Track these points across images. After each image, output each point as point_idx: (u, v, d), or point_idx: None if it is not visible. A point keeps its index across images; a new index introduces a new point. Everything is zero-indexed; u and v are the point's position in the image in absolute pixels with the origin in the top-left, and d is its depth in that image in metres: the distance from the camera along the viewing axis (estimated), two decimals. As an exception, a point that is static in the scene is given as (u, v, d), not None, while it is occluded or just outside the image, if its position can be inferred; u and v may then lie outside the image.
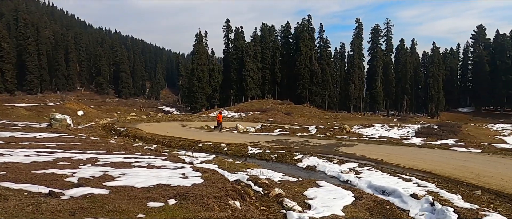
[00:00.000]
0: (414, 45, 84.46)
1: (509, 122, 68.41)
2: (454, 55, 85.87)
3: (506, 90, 72.09)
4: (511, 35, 74.99)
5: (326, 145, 15.62)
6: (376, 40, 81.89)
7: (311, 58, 78.86)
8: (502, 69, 72.09)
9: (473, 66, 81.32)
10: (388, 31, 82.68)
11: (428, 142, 19.50)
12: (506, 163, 11.25)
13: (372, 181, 9.24)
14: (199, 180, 6.48)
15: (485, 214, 6.26)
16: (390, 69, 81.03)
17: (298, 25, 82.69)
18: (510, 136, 52.78)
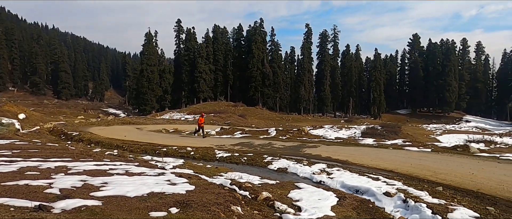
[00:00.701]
0: (358, 50, 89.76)
1: (440, 122, 75.59)
2: (393, 61, 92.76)
3: (437, 93, 79.47)
4: (441, 44, 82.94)
5: (291, 147, 16.04)
6: (324, 45, 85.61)
7: (263, 61, 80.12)
8: (434, 75, 79.37)
9: (410, 71, 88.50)
10: (335, 37, 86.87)
11: (381, 142, 20.91)
12: (455, 161, 12.49)
13: (345, 181, 9.73)
14: (189, 186, 6.33)
15: (454, 208, 6.93)
16: (337, 73, 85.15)
17: (250, 28, 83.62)
18: (442, 135, 58.34)
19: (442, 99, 78.78)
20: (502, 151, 22.92)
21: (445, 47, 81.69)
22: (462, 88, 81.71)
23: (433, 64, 79.53)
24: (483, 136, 40.54)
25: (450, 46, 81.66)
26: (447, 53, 79.54)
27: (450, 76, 77.74)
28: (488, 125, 70.68)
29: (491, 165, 11.57)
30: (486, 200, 7.72)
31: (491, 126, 70.33)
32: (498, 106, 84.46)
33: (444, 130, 63.22)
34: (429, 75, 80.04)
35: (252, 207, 6.41)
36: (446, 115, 79.66)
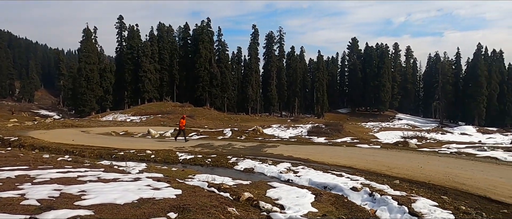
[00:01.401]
0: (303, 52, 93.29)
1: (376, 120, 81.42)
2: (334, 62, 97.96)
3: (373, 93, 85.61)
4: (376, 48, 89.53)
5: (252, 147, 16.32)
6: (270, 46, 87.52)
7: (210, 61, 79.50)
8: (370, 76, 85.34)
9: (349, 73, 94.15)
10: (281, 38, 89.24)
11: (332, 141, 22.14)
12: (403, 156, 13.77)
13: (312, 179, 10.23)
14: (175, 190, 6.26)
15: (415, 198, 7.73)
16: (283, 74, 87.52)
17: (197, 27, 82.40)
18: (379, 132, 62.87)
19: (378, 99, 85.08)
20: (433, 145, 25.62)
21: (380, 50, 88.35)
22: (395, 89, 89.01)
23: (370, 66, 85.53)
24: (416, 132, 44.72)
25: (384, 50, 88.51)
26: (381, 56, 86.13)
27: (384, 78, 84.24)
28: (417, 122, 77.93)
29: (434, 159, 12.97)
30: (438, 190, 8.70)
31: (420, 123, 77.68)
32: (425, 105, 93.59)
33: (380, 127, 68.17)
34: (367, 77, 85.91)
35: (240, 207, 6.53)
36: (381, 114, 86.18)
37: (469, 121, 72.90)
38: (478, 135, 53.56)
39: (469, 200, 7.73)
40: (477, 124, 70.01)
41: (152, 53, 76.49)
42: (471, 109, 72.42)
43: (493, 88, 72.67)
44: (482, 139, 43.83)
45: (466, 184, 9.02)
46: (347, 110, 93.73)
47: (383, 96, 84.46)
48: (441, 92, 77.85)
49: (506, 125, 70.28)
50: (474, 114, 72.41)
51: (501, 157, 13.11)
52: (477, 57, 74.58)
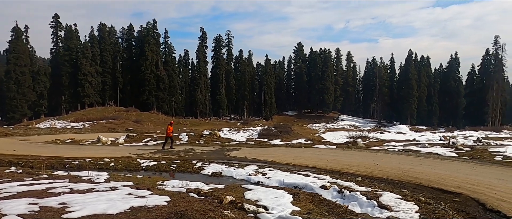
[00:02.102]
0: (251, 56, 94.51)
1: (321, 122, 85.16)
2: (281, 66, 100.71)
3: (318, 96, 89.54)
4: (320, 52, 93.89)
5: (214, 151, 16.32)
6: (219, 49, 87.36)
7: (157, 64, 77.07)
8: (315, 79, 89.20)
9: (295, 76, 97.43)
10: (229, 42, 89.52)
11: (288, 142, 22.91)
12: (359, 155, 14.79)
13: (282, 180, 10.61)
14: (161, 197, 6.20)
15: (380, 193, 8.46)
16: (231, 77, 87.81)
17: (142, 28, 79.42)
18: (325, 133, 65.80)
19: (322, 101, 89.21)
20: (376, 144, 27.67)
21: (323, 55, 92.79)
22: (337, 91, 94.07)
23: (315, 70, 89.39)
24: (360, 132, 47.68)
25: (327, 55, 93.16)
26: (325, 61, 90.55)
27: (328, 81, 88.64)
28: (358, 123, 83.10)
29: (386, 157, 14.16)
30: (397, 184, 9.59)
31: (360, 123, 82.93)
32: (364, 106, 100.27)
33: (326, 128, 71.53)
34: (312, 80, 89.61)
35: (230, 210, 6.64)
36: (326, 115, 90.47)
37: (402, 121, 79.64)
38: (411, 133, 58.60)
39: (425, 192, 8.65)
40: (409, 123, 76.70)
41: (93, 55, 72.02)
42: (404, 109, 79.25)
43: (422, 90, 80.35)
44: (415, 137, 48.09)
45: (419, 178, 10.05)
46: (294, 112, 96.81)
47: (327, 98, 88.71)
48: (378, 94, 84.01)
49: (433, 124, 77.98)
50: (407, 114, 79.35)
51: (441, 152, 14.74)
52: (408, 62, 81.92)
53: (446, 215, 6.28)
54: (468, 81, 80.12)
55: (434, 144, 20.61)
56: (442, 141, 35.28)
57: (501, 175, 9.94)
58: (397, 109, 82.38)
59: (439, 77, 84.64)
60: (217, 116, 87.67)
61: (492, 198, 7.40)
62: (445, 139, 40.51)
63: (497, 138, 44.23)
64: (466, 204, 7.25)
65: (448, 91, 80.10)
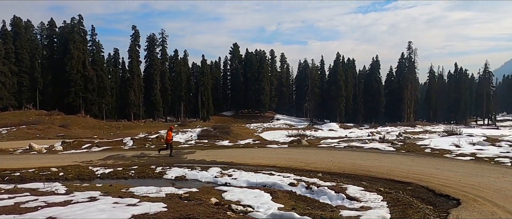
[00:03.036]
0: (186, 56, 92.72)
1: (258, 121, 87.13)
2: (217, 67, 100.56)
3: (255, 96, 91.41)
4: (256, 53, 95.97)
5: (169, 155, 16.00)
6: (153, 49, 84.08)
7: (84, 63, 71.42)
8: (251, 80, 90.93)
9: (231, 77, 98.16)
10: (163, 41, 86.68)
11: (237, 143, 23.30)
12: (312, 152, 15.81)
13: (249, 180, 10.99)
14: (154, 204, 6.16)
15: (344, 186, 9.33)
16: (166, 77, 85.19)
17: (65, 24, 72.90)
18: (263, 132, 67.58)
19: (259, 101, 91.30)
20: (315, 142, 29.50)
21: (259, 56, 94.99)
22: (273, 92, 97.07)
23: (251, 71, 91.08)
24: (298, 131, 49.97)
25: (262, 56, 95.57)
26: (261, 62, 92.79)
27: (264, 82, 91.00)
28: (292, 122, 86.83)
29: (336, 153, 15.38)
30: (354, 178, 10.60)
31: (295, 122, 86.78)
32: (297, 106, 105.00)
33: (263, 128, 73.44)
34: (248, 80, 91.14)
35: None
36: (262, 115, 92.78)
37: (332, 119, 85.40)
38: (342, 130, 63.23)
39: (380, 183, 9.76)
40: (338, 121, 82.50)
41: (6, 53, 64.05)
42: (334, 108, 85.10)
43: (349, 90, 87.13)
44: (346, 133, 52.11)
45: (371, 171, 11.24)
46: (231, 112, 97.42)
47: (263, 98, 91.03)
48: (310, 94, 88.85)
49: (358, 121, 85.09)
50: (336, 112, 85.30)
51: (381, 147, 16.49)
52: (336, 64, 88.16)
53: (409, 202, 7.28)
54: (387, 82, 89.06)
55: (371, 140, 22.81)
56: (370, 136, 38.87)
57: (436, 165, 11.61)
58: (327, 108, 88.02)
59: (363, 78, 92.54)
60: (152, 118, 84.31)
61: (438, 185, 8.70)
62: (372, 134, 44.72)
63: (413, 132, 50.16)
64: (419, 191, 8.42)
65: (371, 91, 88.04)
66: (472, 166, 11.35)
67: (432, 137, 27.78)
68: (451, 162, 12.35)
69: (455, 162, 12.34)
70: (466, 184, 8.58)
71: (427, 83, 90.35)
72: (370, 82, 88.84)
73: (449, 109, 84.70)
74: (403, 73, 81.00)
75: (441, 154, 14.24)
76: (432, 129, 55.33)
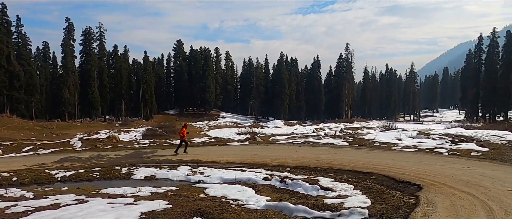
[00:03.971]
0: (127, 52, 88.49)
1: (204, 120, 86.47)
2: (161, 63, 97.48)
3: (200, 94, 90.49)
4: (200, 51, 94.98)
5: (130, 155, 15.52)
6: (89, 44, 78.75)
7: (9, 57, 64.32)
8: (196, 78, 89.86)
9: (175, 74, 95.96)
10: (101, 36, 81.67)
11: (193, 142, 23.18)
12: (274, 149, 16.49)
13: (223, 176, 11.26)
14: (153, 202, 6.22)
15: (316, 178, 10.10)
16: (105, 74, 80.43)
17: (-16, 13, 64.90)
18: (210, 130, 67.26)
19: (204, 99, 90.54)
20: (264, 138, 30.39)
21: (204, 53, 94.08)
22: (218, 90, 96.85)
23: (196, 69, 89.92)
24: (247, 128, 50.71)
25: (207, 53, 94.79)
26: (206, 59, 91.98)
27: (209, 79, 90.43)
28: (238, 119, 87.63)
29: (297, 149, 16.24)
30: (321, 170, 11.44)
31: (240, 120, 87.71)
32: (242, 104, 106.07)
33: (210, 126, 73.15)
34: (193, 78, 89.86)
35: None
36: (208, 113, 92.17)
37: (276, 116, 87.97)
38: (287, 128, 65.48)
39: (346, 174, 10.70)
40: (283, 118, 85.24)
41: None
42: (278, 106, 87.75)
43: (292, 89, 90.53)
44: (292, 130, 54.14)
45: (335, 164, 12.20)
46: (176, 111, 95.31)
47: (209, 96, 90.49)
48: (255, 92, 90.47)
49: (301, 118, 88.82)
50: (281, 110, 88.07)
51: (336, 142, 17.78)
52: (280, 63, 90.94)
53: (380, 189, 8.22)
54: (327, 81, 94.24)
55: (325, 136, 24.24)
56: (315, 133, 41.12)
57: (389, 156, 13.00)
58: (272, 106, 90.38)
59: (305, 77, 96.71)
60: (89, 117, 79.01)
61: (397, 173, 9.85)
62: (317, 131, 47.24)
63: (352, 128, 53.91)
64: (382, 180, 9.47)
65: (312, 89, 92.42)
66: (418, 156, 12.94)
67: (370, 132, 30.38)
68: (400, 153, 13.89)
69: (403, 153, 13.91)
70: (420, 171, 9.86)
71: (363, 82, 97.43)
72: (311, 81, 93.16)
73: (381, 106, 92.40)
74: (342, 72, 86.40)
75: (388, 147, 15.87)
76: (368, 125, 59.93)
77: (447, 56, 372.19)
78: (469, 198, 6.48)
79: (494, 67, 61.03)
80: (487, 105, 62.91)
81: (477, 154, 13.01)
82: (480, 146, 14.56)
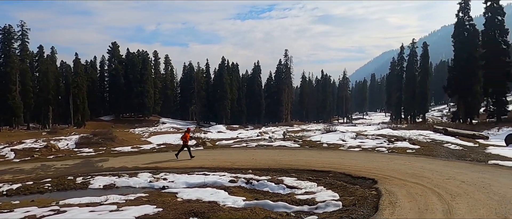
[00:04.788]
0: (55, 53, 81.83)
1: (142, 126, 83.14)
2: (94, 67, 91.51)
3: (138, 99, 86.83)
4: (138, 54, 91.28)
5: (80, 164, 14.64)
6: (9, 43, 71.02)
7: None
8: (134, 82, 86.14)
9: (110, 78, 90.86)
10: (23, 35, 74.28)
11: (139, 148, 22.52)
12: (231, 153, 16.84)
13: (188, 181, 11.37)
14: (141, 207, 6.26)
15: (280, 178, 10.73)
16: (28, 78, 73.15)
17: None
18: (150, 137, 65.26)
19: (143, 105, 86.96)
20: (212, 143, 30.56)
21: (141, 57, 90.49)
22: (157, 94, 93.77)
23: (133, 73, 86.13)
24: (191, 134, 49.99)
25: (145, 57, 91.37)
26: (144, 63, 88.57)
27: (148, 84, 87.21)
28: (179, 125, 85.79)
29: (253, 152, 16.79)
30: (281, 171, 12.09)
31: (181, 125, 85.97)
32: (183, 109, 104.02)
33: (150, 132, 70.71)
34: (130, 83, 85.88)
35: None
36: (146, 119, 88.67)
37: (218, 121, 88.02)
38: (230, 132, 66.05)
39: (306, 173, 11.50)
40: (225, 123, 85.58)
41: None
42: (220, 110, 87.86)
43: (234, 93, 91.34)
44: (237, 134, 54.82)
45: (293, 165, 12.99)
46: (111, 117, 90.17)
47: (148, 101, 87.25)
48: (197, 97, 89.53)
49: (242, 122, 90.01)
50: (222, 115, 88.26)
51: (288, 145, 18.73)
52: (222, 67, 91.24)
53: (341, 184, 9.11)
54: (267, 86, 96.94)
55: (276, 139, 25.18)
56: (260, 136, 42.30)
57: (340, 156, 14.21)
58: (213, 111, 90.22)
59: (246, 81, 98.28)
60: (9, 125, 71.08)
61: (351, 170, 10.91)
62: (261, 134, 48.53)
63: (294, 131, 56.32)
64: (339, 177, 10.42)
65: (253, 94, 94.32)
66: (364, 154, 14.35)
67: (311, 134, 32.31)
68: (348, 153, 15.24)
69: (351, 152, 15.28)
70: (370, 168, 11.05)
71: (301, 87, 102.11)
72: (252, 85, 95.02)
73: (317, 109, 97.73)
74: (281, 78, 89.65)
75: (336, 147, 17.24)
76: (308, 128, 63.07)
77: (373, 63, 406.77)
78: (419, 187, 7.62)
79: (414, 74, 68.63)
80: (409, 108, 70.39)
81: (412, 151, 14.86)
82: (412, 144, 16.60)
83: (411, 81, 68.49)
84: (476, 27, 45.82)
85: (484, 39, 44.09)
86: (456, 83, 45.82)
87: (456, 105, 51.34)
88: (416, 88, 66.35)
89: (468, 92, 44.29)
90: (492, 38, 42.80)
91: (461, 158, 12.71)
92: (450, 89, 47.70)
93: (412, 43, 70.60)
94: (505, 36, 43.78)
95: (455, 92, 46.98)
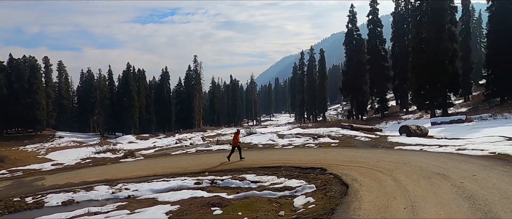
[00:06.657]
0: None
1: (34, 142, 73.68)
2: (-36, 76, 76.82)
3: (27, 112, 76.39)
4: (24, 61, 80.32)
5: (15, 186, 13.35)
6: None
7: None
8: (22, 93, 75.58)
9: (-11, 89, 77.63)
10: None
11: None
12: (176, 159, 17.31)
13: (152, 188, 11.82)
14: (159, 206, 6.96)
15: (242, 176, 12.05)
16: None
17: None
18: (49, 154, 58.82)
19: (33, 118, 76.58)
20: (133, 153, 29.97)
21: (29, 64, 79.73)
22: (50, 106, 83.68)
23: (20, 82, 75.41)
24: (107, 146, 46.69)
25: (34, 63, 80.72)
26: (33, 71, 78.17)
27: (39, 94, 77.25)
28: (80, 138, 78.28)
29: (199, 157, 17.61)
30: (236, 170, 13.40)
31: (83, 138, 78.65)
32: (82, 120, 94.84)
33: (47, 148, 63.43)
34: (17, 93, 74.92)
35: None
36: (39, 134, 78.36)
37: (125, 131, 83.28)
38: (142, 142, 63.46)
39: (260, 170, 13.01)
40: (133, 132, 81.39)
41: None
42: (127, 120, 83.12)
43: (142, 101, 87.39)
44: (153, 143, 53.37)
45: (244, 164, 14.39)
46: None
47: (39, 114, 77.32)
48: (100, 107, 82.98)
49: (152, 131, 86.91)
50: (130, 124, 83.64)
51: (227, 148, 19.98)
52: (127, 74, 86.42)
53: (296, 174, 10.94)
54: (177, 92, 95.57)
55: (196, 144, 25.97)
56: (178, 144, 42.37)
57: (280, 153, 16.17)
58: (120, 120, 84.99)
59: (154, 88, 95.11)
60: None
61: (299, 163, 12.88)
62: (180, 141, 48.33)
63: (210, 136, 57.37)
64: (292, 169, 12.23)
65: (162, 100, 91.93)
66: (300, 150, 16.64)
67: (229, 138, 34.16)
68: (285, 150, 17.35)
69: (287, 150, 17.43)
70: (313, 160, 13.22)
71: (211, 91, 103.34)
72: (161, 92, 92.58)
73: (228, 113, 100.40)
74: (191, 83, 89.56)
75: (272, 147, 19.26)
76: (222, 132, 64.85)
77: (275, 67, 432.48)
78: (363, 168, 9.90)
79: (314, 77, 76.69)
80: (311, 108, 78.25)
81: (335, 144, 17.77)
82: (333, 139, 19.66)
83: (311, 84, 76.30)
84: (362, 37, 54.25)
85: (368, 47, 52.54)
86: (349, 84, 53.37)
87: (350, 104, 59.55)
88: (317, 90, 74.24)
89: (359, 92, 52.09)
90: (374, 46, 51.38)
91: (375, 146, 15.97)
92: (345, 90, 55.24)
93: (311, 49, 78.79)
94: (383, 45, 53.02)
95: (349, 92, 54.59)
